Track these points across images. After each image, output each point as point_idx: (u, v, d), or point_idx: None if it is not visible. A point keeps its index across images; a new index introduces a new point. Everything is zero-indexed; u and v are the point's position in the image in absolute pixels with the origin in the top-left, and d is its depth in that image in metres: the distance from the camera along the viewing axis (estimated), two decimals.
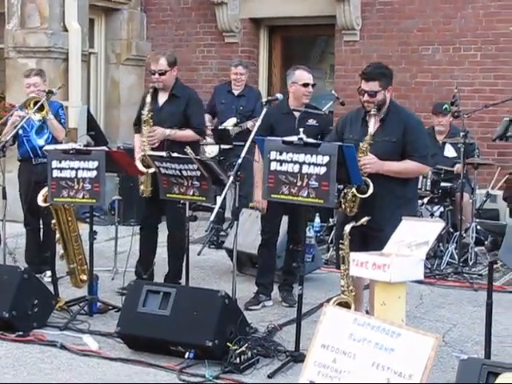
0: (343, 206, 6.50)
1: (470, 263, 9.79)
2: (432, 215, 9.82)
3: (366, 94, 6.57)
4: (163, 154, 7.33)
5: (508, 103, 11.09)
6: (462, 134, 9.86)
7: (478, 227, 10.09)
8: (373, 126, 6.53)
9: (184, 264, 7.25)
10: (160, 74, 8.12)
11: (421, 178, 9.57)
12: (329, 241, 10.22)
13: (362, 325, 4.41)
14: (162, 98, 8.26)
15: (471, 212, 10.11)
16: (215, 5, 13.92)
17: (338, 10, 13.13)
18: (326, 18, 13.37)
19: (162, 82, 8.18)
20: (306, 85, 7.89)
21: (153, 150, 7.88)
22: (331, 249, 9.73)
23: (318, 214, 10.81)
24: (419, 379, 4.08)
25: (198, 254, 10.03)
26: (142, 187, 8.05)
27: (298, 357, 6.00)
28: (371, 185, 6.29)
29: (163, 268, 8.35)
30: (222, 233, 10.46)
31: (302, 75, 7.97)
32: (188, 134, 8.12)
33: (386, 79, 6.65)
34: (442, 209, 10.08)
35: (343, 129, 6.88)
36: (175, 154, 7.22)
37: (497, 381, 3.11)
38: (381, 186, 6.38)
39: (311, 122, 7.81)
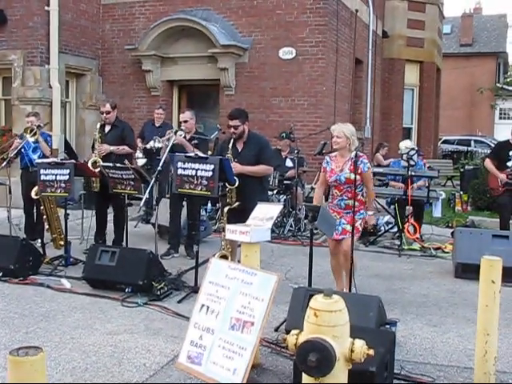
0: (228, 195, 6.45)
1: (302, 230, 9.96)
2: (279, 201, 9.93)
3: (231, 128, 6.59)
4: (110, 164, 7.29)
5: (323, 133, 11.30)
6: (295, 151, 10.02)
7: (306, 208, 10.26)
8: (241, 147, 6.65)
9: (124, 233, 7.16)
10: (106, 114, 8.08)
11: (272, 178, 9.70)
12: (216, 217, 10.23)
13: (233, 269, 4.43)
14: (108, 128, 8.20)
15: (302, 199, 10.29)
16: (145, 72, 13.80)
17: (221, 75, 13.17)
18: (214, 80, 13.36)
19: (108, 119, 8.13)
20: (183, 121, 7.94)
21: (103, 159, 7.82)
22: (217, 222, 9.75)
23: (209, 201, 10.79)
24: (268, 300, 4.12)
25: (135, 227, 9.92)
26: (93, 185, 8.01)
27: (196, 289, 6.00)
28: (237, 180, 6.35)
29: (111, 236, 8.26)
30: (149, 213, 10.37)
31: (181, 116, 8.15)
32: (124, 148, 8.13)
33: (242, 118, 6.63)
34: (284, 197, 10.16)
35: (222, 149, 6.86)
36: (118, 165, 7.18)
37: (311, 300, 3.15)
38: (248, 182, 6.43)
39: (194, 142, 7.84)
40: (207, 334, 4.28)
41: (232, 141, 6.60)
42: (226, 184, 6.42)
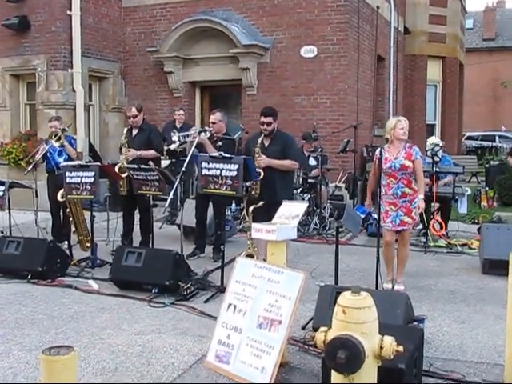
0: (253, 188, 6.65)
1: (327, 228, 9.93)
2: (303, 199, 9.91)
3: (265, 124, 6.77)
4: (135, 166, 7.34)
5: (346, 131, 11.27)
6: (319, 150, 10.00)
7: (330, 206, 10.24)
8: (267, 143, 6.92)
9: (151, 235, 7.21)
10: (133, 118, 8.09)
11: (296, 177, 9.69)
12: (241, 217, 10.22)
13: (260, 267, 4.43)
14: (135, 131, 8.19)
15: (326, 197, 10.26)
16: (167, 73, 13.87)
17: (243, 75, 13.19)
18: (236, 80, 13.38)
19: (134, 122, 8.14)
20: (212, 123, 7.90)
21: (129, 163, 7.83)
22: (242, 222, 9.76)
23: (234, 201, 10.79)
24: (295, 298, 4.12)
25: (160, 228, 9.96)
26: (120, 188, 8.00)
27: (222, 289, 6.01)
28: (262, 173, 6.59)
29: (138, 238, 8.30)
30: (174, 214, 10.40)
31: (211, 117, 8.04)
32: (151, 152, 8.07)
33: (275, 115, 6.92)
34: (309, 195, 10.13)
35: (249, 145, 7.08)
36: (143, 166, 7.24)
37: (339, 297, 3.15)
38: (274, 177, 6.68)
39: (219, 143, 7.80)
40: (235, 332, 4.29)
41: (262, 137, 6.82)
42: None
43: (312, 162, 10.59)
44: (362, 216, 9.60)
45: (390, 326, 3.98)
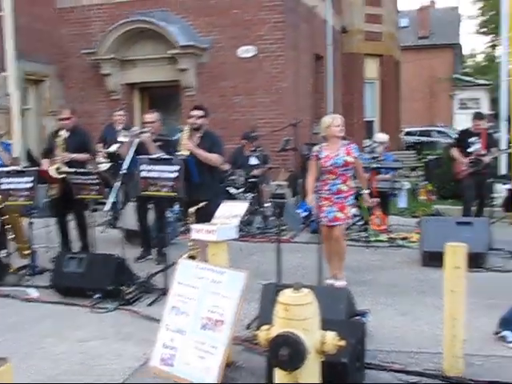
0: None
1: (269, 227, 9.95)
2: (245, 199, 9.92)
3: (193, 117, 6.87)
4: (74, 170, 7.20)
5: (286, 129, 11.31)
6: (259, 149, 10.03)
7: (271, 205, 10.22)
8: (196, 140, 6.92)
9: (90, 239, 7.11)
10: (65, 120, 7.93)
11: (237, 176, 9.70)
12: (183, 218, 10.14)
13: (202, 268, 4.42)
14: (66, 134, 7.99)
15: (268, 196, 10.28)
16: (104, 75, 13.69)
17: (182, 76, 13.14)
18: (175, 81, 13.33)
19: (66, 125, 7.97)
20: (149, 122, 7.83)
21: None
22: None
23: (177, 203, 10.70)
24: (238, 298, 4.13)
25: (102, 232, 9.80)
26: (51, 192, 7.88)
27: (166, 292, 5.93)
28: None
29: (78, 243, 8.15)
30: (116, 218, 10.24)
31: (146, 116, 8.05)
32: (84, 156, 7.94)
33: (206, 111, 7.02)
34: (251, 195, 10.15)
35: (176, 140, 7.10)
36: (82, 170, 7.12)
37: (280, 295, 3.17)
38: (202, 175, 6.80)
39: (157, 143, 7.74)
40: (179, 335, 4.27)
41: (189, 132, 6.84)
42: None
43: (253, 161, 10.61)
44: (305, 213, 9.74)
45: (333, 321, 4.01)
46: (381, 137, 10.16)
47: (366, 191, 6.64)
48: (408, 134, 28.28)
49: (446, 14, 42.30)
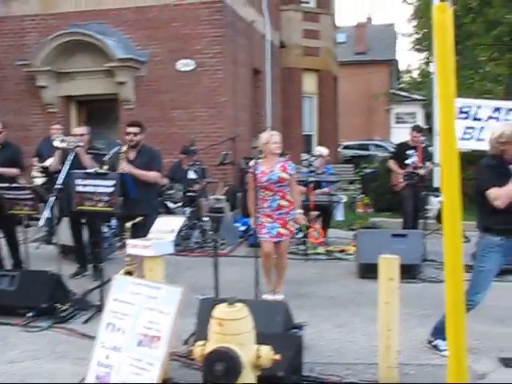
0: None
1: (208, 241, 9.91)
2: (184, 213, 9.88)
3: (130, 135, 6.77)
4: (6, 185, 7.00)
5: (224, 143, 11.35)
6: (197, 163, 10.03)
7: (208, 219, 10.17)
8: (133, 156, 6.87)
9: (21, 255, 6.93)
10: None
11: (175, 190, 9.67)
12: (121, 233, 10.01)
13: (138, 284, 4.37)
14: None
15: (206, 210, 10.26)
16: (40, 88, 13.44)
17: (120, 89, 13.02)
18: (113, 94, 13.20)
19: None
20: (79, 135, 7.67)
21: None
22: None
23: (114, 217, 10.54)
24: (174, 313, 4.10)
25: (37, 249, 9.57)
26: None
27: (102, 308, 5.84)
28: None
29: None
30: (51, 233, 10.01)
31: (75, 130, 8.03)
32: (14, 170, 7.68)
33: (142, 127, 6.95)
34: (190, 209, 10.11)
35: (114, 156, 7.03)
36: (15, 185, 6.93)
37: (214, 310, 3.16)
38: (139, 190, 6.62)
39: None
40: (114, 352, 4.20)
41: (126, 149, 6.77)
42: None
43: (192, 175, 10.59)
44: (243, 228, 9.76)
45: (269, 334, 4.04)
46: (320, 150, 10.32)
47: (298, 211, 6.61)
48: (346, 147, 28.79)
49: (383, 31, 43.34)
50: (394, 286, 4.23)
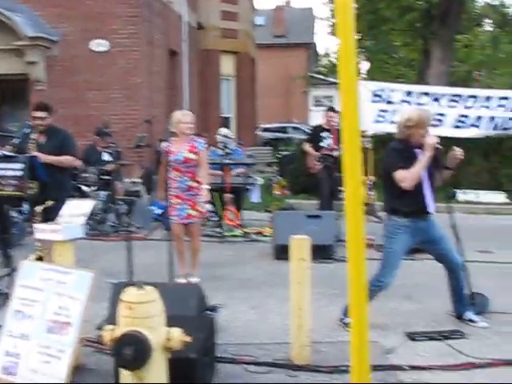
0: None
1: (123, 224, 9.74)
2: (98, 197, 9.65)
3: (38, 119, 6.39)
4: None
5: (140, 125, 11.15)
6: (112, 145, 9.85)
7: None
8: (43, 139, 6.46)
9: None
10: None
11: (89, 173, 9.47)
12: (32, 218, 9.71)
13: (47, 269, 4.27)
14: None
15: (122, 193, 10.09)
16: None
17: (30, 69, 12.58)
18: (23, 74, 12.74)
19: None
20: None
21: None
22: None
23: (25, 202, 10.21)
24: (84, 299, 4.03)
25: None
26: None
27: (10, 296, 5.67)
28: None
29: None
30: None
31: None
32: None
33: (50, 110, 6.51)
34: (105, 192, 9.89)
35: (22, 142, 6.55)
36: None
37: (123, 294, 3.13)
38: (52, 174, 6.30)
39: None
40: (22, 340, 4.09)
41: (36, 134, 6.43)
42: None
43: (107, 157, 10.39)
44: (160, 211, 9.67)
45: (181, 317, 4.01)
46: (224, 132, 10.31)
47: (205, 186, 6.48)
48: (265, 130, 28.98)
49: (301, 14, 43.74)
50: (305, 266, 4.31)
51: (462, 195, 12.69)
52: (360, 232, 2.47)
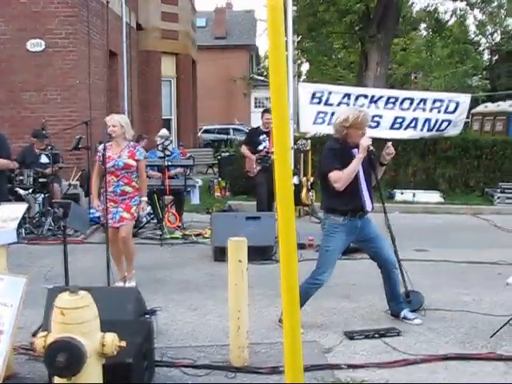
0: None
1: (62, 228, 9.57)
2: (35, 200, 9.46)
3: None
4: None
5: (79, 127, 11.00)
6: (49, 148, 9.65)
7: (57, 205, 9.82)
8: None
9: None
10: None
11: (26, 176, 9.26)
12: None
13: None
14: None
15: (60, 196, 9.89)
16: None
17: None
18: None
19: None
20: None
21: None
22: None
23: None
24: (17, 305, 3.93)
25: None
26: None
27: None
28: None
29: None
30: None
31: None
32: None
33: None
34: (42, 195, 9.68)
35: None
36: None
37: (56, 299, 3.06)
38: None
39: None
40: None
41: None
42: None
43: (44, 159, 10.16)
44: (98, 213, 9.51)
45: (118, 321, 3.96)
46: (163, 133, 10.29)
47: (144, 199, 6.51)
48: (206, 131, 28.95)
49: (243, 16, 43.87)
50: (243, 267, 4.31)
51: (400, 195, 12.94)
52: (291, 233, 2.48)
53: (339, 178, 4.92)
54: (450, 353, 4.64)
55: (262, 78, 40.51)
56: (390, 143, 5.10)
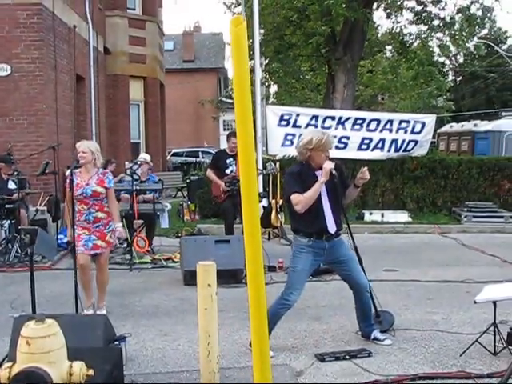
0: None
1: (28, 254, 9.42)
2: (1, 226, 9.33)
3: None
4: None
5: (46, 152, 10.91)
6: (16, 173, 9.53)
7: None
8: None
9: None
10: None
11: None
12: None
13: None
14: None
15: (27, 222, 9.76)
16: None
17: None
18: None
19: None
20: None
21: None
22: None
23: None
24: None
25: None
26: None
27: None
28: None
29: None
30: None
31: None
32: None
33: None
34: (8, 221, 9.53)
35: None
36: None
37: (22, 328, 3.01)
38: None
39: None
40: None
41: None
42: None
43: (11, 185, 10.02)
44: (67, 239, 9.40)
45: (86, 349, 3.93)
46: (145, 157, 10.31)
47: (119, 224, 6.42)
48: (175, 154, 28.94)
49: (211, 39, 44.06)
50: (212, 291, 4.30)
51: (369, 215, 13.04)
52: (258, 256, 2.48)
53: (299, 201, 4.97)
54: (420, 373, 4.67)
55: (230, 101, 40.73)
56: (365, 168, 5.11)
